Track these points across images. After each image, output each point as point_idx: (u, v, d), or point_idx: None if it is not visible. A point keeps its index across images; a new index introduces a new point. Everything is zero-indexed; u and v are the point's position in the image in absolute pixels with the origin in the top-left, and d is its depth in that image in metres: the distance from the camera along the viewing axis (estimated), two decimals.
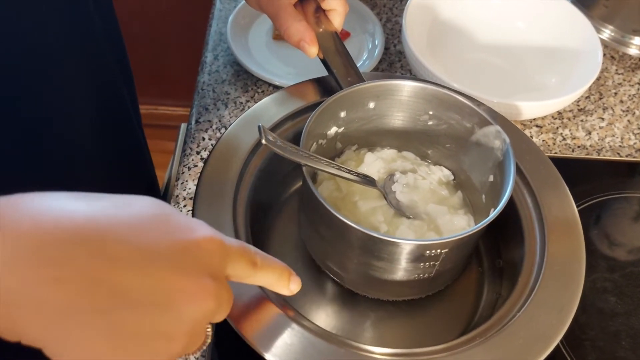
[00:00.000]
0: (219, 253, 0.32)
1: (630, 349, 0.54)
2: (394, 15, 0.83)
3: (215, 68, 0.73)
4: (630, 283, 0.59)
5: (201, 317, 0.31)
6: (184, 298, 0.29)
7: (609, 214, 0.65)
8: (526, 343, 0.42)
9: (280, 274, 0.38)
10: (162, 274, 0.29)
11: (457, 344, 0.43)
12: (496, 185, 0.50)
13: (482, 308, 0.53)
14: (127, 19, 1.47)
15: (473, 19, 0.78)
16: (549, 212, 0.49)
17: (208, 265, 0.31)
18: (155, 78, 1.61)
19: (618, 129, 0.72)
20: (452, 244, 0.44)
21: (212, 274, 0.31)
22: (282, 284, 0.38)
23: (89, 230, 0.28)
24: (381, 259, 0.46)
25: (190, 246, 0.30)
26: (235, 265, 0.34)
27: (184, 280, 0.30)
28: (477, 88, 0.63)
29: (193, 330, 0.31)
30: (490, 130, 0.50)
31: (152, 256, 0.29)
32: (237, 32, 0.75)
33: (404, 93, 0.53)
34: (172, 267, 0.29)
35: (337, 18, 0.55)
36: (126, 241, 0.29)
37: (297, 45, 0.54)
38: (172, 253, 0.30)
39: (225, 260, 0.33)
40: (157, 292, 0.29)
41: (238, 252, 0.34)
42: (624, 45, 0.81)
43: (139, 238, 0.29)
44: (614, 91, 0.77)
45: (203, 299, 0.30)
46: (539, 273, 0.46)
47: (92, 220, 0.29)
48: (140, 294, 0.28)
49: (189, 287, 0.30)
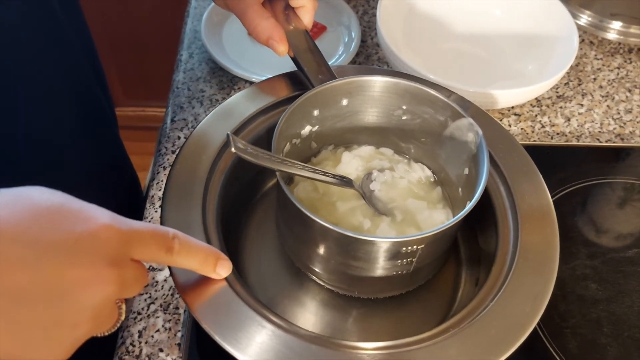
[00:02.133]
0: (116, 239, 0.33)
1: (611, 336, 0.54)
2: (371, 8, 0.82)
3: (190, 66, 0.73)
4: (611, 269, 0.59)
5: (102, 302, 0.32)
6: (78, 288, 0.31)
7: (589, 200, 0.65)
8: (500, 332, 0.42)
9: (204, 259, 0.39)
10: (54, 269, 0.30)
11: (430, 336, 0.42)
12: (471, 178, 0.49)
13: (461, 298, 0.53)
14: (111, 22, 1.47)
15: (449, 8, 0.78)
16: (522, 201, 0.49)
17: (104, 253, 0.32)
18: (142, 80, 1.60)
19: (597, 115, 0.72)
20: (428, 239, 0.44)
21: (111, 260, 0.32)
22: (207, 268, 0.40)
23: None
24: (358, 259, 0.45)
25: (83, 237, 0.31)
26: (143, 249, 0.35)
27: (76, 271, 0.31)
28: (454, 78, 0.63)
29: (97, 314, 0.32)
30: (463, 123, 0.49)
31: (45, 252, 0.30)
32: (211, 29, 0.74)
33: (376, 89, 0.53)
34: (64, 260, 0.31)
35: (306, 15, 0.54)
36: (18, 240, 0.30)
37: (266, 44, 0.53)
38: (65, 246, 0.31)
39: (126, 246, 0.33)
40: (50, 287, 0.30)
41: (145, 236, 0.35)
42: (602, 30, 0.81)
43: (32, 234, 0.30)
44: (593, 77, 0.76)
45: (99, 286, 0.31)
46: (512, 262, 0.45)
47: None
48: (34, 290, 0.30)
49: (83, 276, 0.31)
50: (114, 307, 0.34)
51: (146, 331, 0.51)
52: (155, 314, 0.52)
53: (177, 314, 0.52)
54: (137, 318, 0.51)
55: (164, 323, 0.51)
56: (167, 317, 0.51)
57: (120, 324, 0.36)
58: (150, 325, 0.51)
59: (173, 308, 0.52)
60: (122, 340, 0.50)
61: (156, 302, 0.52)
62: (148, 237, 0.35)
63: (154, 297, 0.53)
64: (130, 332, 0.50)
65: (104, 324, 0.34)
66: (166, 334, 0.50)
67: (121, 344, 0.50)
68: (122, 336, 0.50)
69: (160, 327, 0.51)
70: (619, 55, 0.79)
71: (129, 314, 0.37)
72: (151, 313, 0.52)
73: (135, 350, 0.49)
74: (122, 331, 0.51)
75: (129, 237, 0.34)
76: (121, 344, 0.50)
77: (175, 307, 0.52)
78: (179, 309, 0.52)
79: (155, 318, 0.51)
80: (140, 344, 0.50)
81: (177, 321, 0.51)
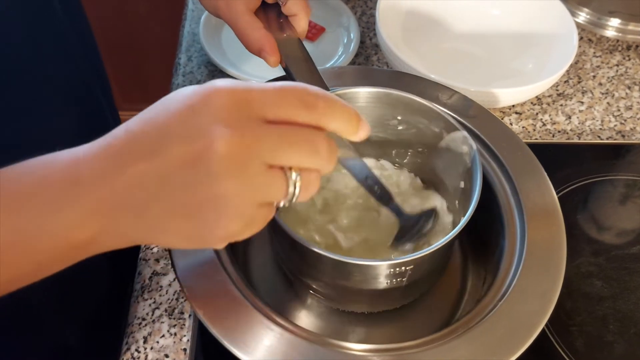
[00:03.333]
0: (231, 101, 0.31)
1: (617, 333, 0.54)
2: (369, 8, 0.82)
3: (190, 69, 0.72)
4: (616, 266, 0.58)
5: (232, 165, 0.30)
6: (203, 159, 0.30)
7: (591, 197, 0.65)
8: (509, 332, 0.42)
9: (349, 117, 0.34)
10: (178, 148, 0.30)
11: (440, 336, 0.42)
12: (466, 192, 0.48)
13: (467, 298, 0.53)
14: (106, 26, 1.46)
15: (448, 7, 0.78)
16: (527, 199, 0.49)
17: (220, 118, 0.31)
18: (138, 83, 1.60)
19: (598, 112, 0.72)
20: (416, 261, 0.42)
21: (229, 123, 0.30)
22: (351, 129, 0.34)
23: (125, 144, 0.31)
24: (344, 279, 0.45)
25: (197, 107, 0.31)
26: (276, 108, 0.32)
27: (198, 144, 0.30)
28: (455, 77, 0.63)
29: (239, 177, 0.31)
30: (457, 135, 0.49)
31: (167, 135, 0.31)
32: (210, 32, 0.74)
33: (369, 100, 0.52)
34: (185, 136, 0.30)
35: (299, 23, 0.52)
36: (143, 135, 0.31)
37: (258, 55, 0.52)
38: (184, 121, 0.31)
39: (248, 107, 0.31)
40: (181, 166, 0.30)
41: (271, 95, 0.32)
42: (600, 28, 0.81)
43: (153, 124, 0.31)
44: (592, 74, 0.76)
45: (221, 147, 0.30)
46: (519, 261, 0.45)
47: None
48: (169, 175, 0.31)
49: (200, 147, 0.30)
50: (267, 172, 0.31)
51: (151, 336, 0.50)
52: (160, 319, 0.51)
53: (182, 319, 0.51)
54: (142, 324, 0.51)
55: (169, 328, 0.51)
56: (172, 322, 0.51)
57: (297, 197, 0.33)
58: (155, 331, 0.50)
59: (178, 313, 0.52)
60: (127, 347, 0.50)
61: (161, 307, 0.52)
62: (275, 95, 0.32)
63: (159, 302, 0.52)
64: (135, 337, 0.50)
65: (263, 190, 0.32)
66: (172, 339, 0.50)
67: (126, 350, 0.50)
68: (127, 342, 0.50)
69: (166, 332, 0.50)
70: (618, 53, 0.79)
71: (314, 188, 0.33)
72: (156, 318, 0.51)
73: (140, 356, 0.49)
74: (126, 337, 0.50)
75: (249, 97, 0.31)
76: (126, 350, 0.50)
77: (180, 312, 0.52)
78: (183, 313, 0.52)
79: (160, 323, 0.51)
80: (146, 349, 0.49)
81: (183, 326, 0.51)
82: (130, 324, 0.51)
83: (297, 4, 0.51)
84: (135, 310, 0.52)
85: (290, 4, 0.51)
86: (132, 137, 0.32)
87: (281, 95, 0.32)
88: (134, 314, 0.51)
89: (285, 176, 0.32)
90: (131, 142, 0.32)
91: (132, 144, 0.31)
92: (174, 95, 0.32)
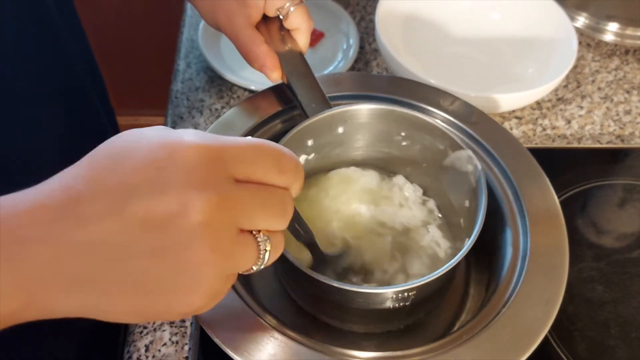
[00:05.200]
0: (203, 158, 0.28)
1: (619, 338, 0.54)
2: (368, 14, 0.82)
3: (189, 76, 0.72)
4: (617, 270, 0.58)
5: (206, 231, 0.27)
6: (172, 221, 0.27)
7: (592, 202, 0.65)
8: (513, 338, 0.42)
9: (302, 182, 0.33)
10: (140, 209, 0.27)
11: (444, 343, 0.42)
12: (472, 211, 0.48)
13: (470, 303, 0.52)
14: (101, 30, 1.46)
15: (447, 12, 0.78)
16: (530, 204, 0.49)
17: (192, 177, 0.27)
18: (134, 88, 1.59)
19: (597, 117, 0.72)
20: (419, 287, 0.42)
21: (200, 183, 0.27)
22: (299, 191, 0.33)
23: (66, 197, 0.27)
24: (346, 302, 0.44)
25: (163, 164, 0.27)
26: (246, 167, 0.29)
27: (164, 205, 0.27)
28: (455, 82, 0.63)
29: (213, 245, 0.28)
30: (462, 154, 0.48)
31: (129, 193, 0.27)
32: (208, 38, 0.74)
33: (372, 116, 0.51)
34: (149, 196, 0.27)
35: (301, 37, 0.52)
36: (98, 192, 0.27)
37: (260, 70, 0.51)
38: (148, 179, 0.27)
39: (219, 165, 0.28)
40: (144, 229, 0.27)
41: (245, 152, 0.30)
42: (599, 32, 0.81)
43: (110, 180, 0.27)
44: (591, 79, 0.76)
45: (192, 213, 0.27)
46: (522, 266, 0.45)
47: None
48: (130, 239, 0.27)
49: (171, 209, 0.27)
50: (238, 238, 0.29)
51: (153, 345, 0.50)
52: (161, 328, 0.51)
53: (183, 327, 0.51)
54: (143, 332, 0.51)
55: (170, 336, 0.50)
56: (173, 331, 0.51)
57: (271, 262, 0.31)
58: (156, 339, 0.50)
59: (179, 321, 0.51)
60: (128, 355, 0.50)
61: None
62: (252, 155, 0.30)
63: None
64: (136, 346, 0.50)
65: (235, 259, 0.29)
66: (173, 347, 0.50)
67: (128, 358, 0.49)
68: (129, 351, 0.50)
69: (167, 340, 0.50)
70: (616, 57, 0.79)
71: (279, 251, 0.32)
72: (157, 326, 0.51)
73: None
74: (128, 346, 0.50)
75: (222, 153, 0.29)
76: (128, 358, 0.49)
77: (182, 320, 0.51)
78: (185, 321, 0.51)
79: (161, 332, 0.51)
80: (148, 358, 0.49)
81: (184, 334, 0.51)
82: (131, 332, 0.51)
83: (299, 18, 0.51)
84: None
85: (292, 18, 0.51)
86: (76, 196, 0.27)
87: (258, 155, 0.30)
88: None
89: (256, 241, 0.30)
90: (74, 202, 0.27)
91: (76, 205, 0.27)
92: (121, 145, 0.28)
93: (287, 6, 0.50)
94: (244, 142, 0.30)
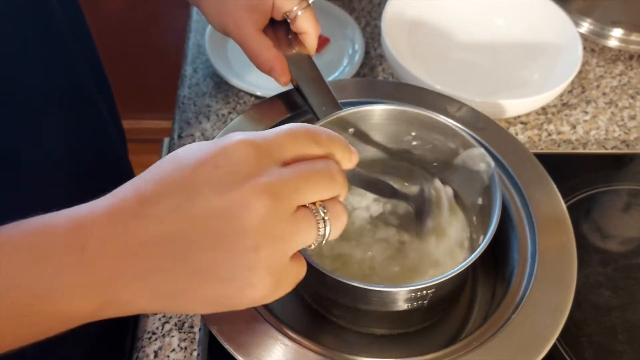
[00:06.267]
0: (253, 151, 0.31)
1: (627, 343, 0.54)
2: (373, 19, 0.82)
3: (196, 81, 0.72)
4: (624, 276, 0.59)
5: (265, 217, 0.30)
6: (233, 213, 0.30)
7: (598, 207, 0.65)
8: (522, 345, 0.42)
9: (343, 146, 0.36)
10: (205, 204, 0.30)
11: (453, 350, 0.42)
12: (484, 209, 0.48)
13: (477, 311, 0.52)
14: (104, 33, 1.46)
15: (452, 18, 0.78)
16: (537, 210, 0.49)
17: (245, 170, 0.31)
18: (136, 91, 1.60)
19: (602, 122, 0.72)
20: (437, 285, 0.42)
21: (253, 174, 0.31)
22: (347, 156, 0.36)
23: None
24: (365, 303, 0.45)
25: (219, 161, 0.31)
26: (291, 148, 0.33)
27: (225, 199, 0.30)
28: (460, 88, 0.63)
29: (268, 231, 0.31)
30: (474, 152, 0.49)
31: (192, 190, 0.30)
32: (215, 43, 0.74)
33: (383, 117, 0.52)
34: (210, 192, 0.30)
35: (309, 41, 0.53)
36: (165, 192, 0.31)
37: (268, 74, 0.52)
38: (208, 177, 0.30)
39: (267, 155, 0.32)
40: (209, 223, 0.30)
41: (284, 140, 0.33)
42: (603, 38, 0.81)
43: (175, 181, 0.31)
44: (596, 84, 0.77)
45: (253, 203, 0.30)
46: (531, 273, 0.45)
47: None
48: (197, 232, 0.30)
49: (231, 202, 0.30)
50: (295, 215, 0.32)
51: (162, 351, 0.50)
52: (170, 333, 0.51)
53: (192, 333, 0.51)
54: (152, 338, 0.51)
55: (179, 342, 0.51)
56: (182, 336, 0.51)
57: (329, 234, 0.33)
58: (165, 345, 0.50)
59: (188, 327, 0.51)
60: None
61: (170, 320, 0.52)
62: (289, 138, 0.33)
63: (168, 315, 0.52)
64: (145, 352, 0.50)
65: (293, 237, 0.32)
66: (182, 353, 0.50)
67: None
68: (138, 357, 0.50)
69: (176, 346, 0.50)
70: (621, 63, 0.79)
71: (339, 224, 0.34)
72: (166, 332, 0.51)
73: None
74: (137, 352, 0.50)
75: (265, 143, 0.32)
76: None
77: (190, 326, 0.51)
78: (194, 327, 0.51)
79: (170, 337, 0.51)
80: None
81: (193, 340, 0.51)
82: (140, 338, 0.51)
83: (306, 21, 0.51)
84: (145, 324, 0.51)
85: (300, 22, 0.51)
86: (146, 199, 0.30)
87: (294, 136, 0.33)
88: (143, 328, 0.51)
89: (312, 213, 0.33)
90: (145, 204, 0.30)
91: (147, 206, 0.30)
92: (183, 153, 0.32)
93: (295, 10, 0.51)
94: (278, 130, 0.34)
